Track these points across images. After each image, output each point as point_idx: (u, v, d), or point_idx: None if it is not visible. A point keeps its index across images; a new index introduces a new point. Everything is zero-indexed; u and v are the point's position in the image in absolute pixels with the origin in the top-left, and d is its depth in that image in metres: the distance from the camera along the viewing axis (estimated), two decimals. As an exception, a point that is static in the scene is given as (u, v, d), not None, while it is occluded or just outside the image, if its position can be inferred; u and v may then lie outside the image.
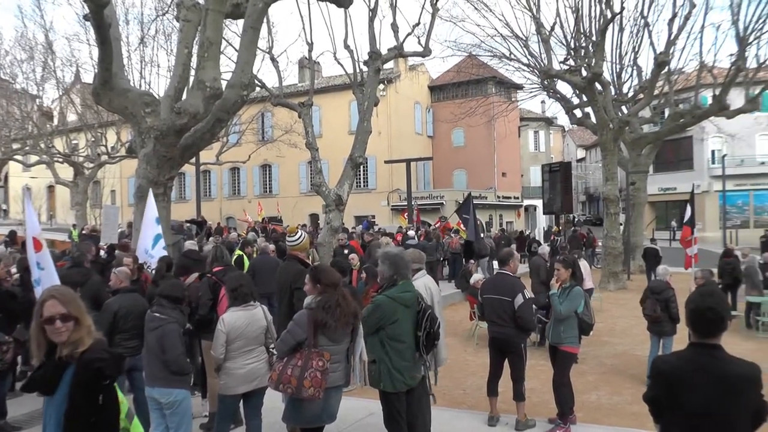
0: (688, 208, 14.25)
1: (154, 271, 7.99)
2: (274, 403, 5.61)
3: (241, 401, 5.49)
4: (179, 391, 5.16)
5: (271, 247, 12.58)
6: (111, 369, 2.81)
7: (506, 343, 6.54)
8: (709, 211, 41.81)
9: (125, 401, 2.96)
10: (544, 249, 13.39)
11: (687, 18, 21.62)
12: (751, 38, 21.41)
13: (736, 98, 25.19)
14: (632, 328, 12.60)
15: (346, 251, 12.68)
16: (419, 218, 24.74)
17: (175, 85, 9.44)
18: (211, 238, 15.70)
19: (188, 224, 23.34)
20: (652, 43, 23.84)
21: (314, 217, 38.42)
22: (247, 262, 11.79)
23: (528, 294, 6.51)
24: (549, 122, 54.67)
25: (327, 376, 4.60)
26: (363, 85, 17.30)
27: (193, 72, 10.07)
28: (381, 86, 37.58)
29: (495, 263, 13.75)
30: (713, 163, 43.07)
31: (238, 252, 12.48)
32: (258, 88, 19.01)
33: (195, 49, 9.53)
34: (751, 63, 22.79)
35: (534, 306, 6.67)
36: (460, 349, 11.28)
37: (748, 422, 2.93)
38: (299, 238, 6.61)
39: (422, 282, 5.56)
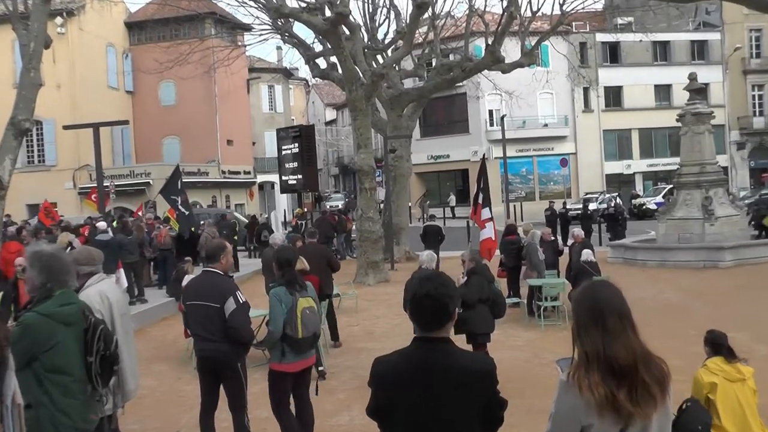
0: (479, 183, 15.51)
1: None
2: None
3: None
4: None
5: None
6: None
7: (218, 362, 6.58)
8: (489, 182, 46.13)
9: None
10: (276, 238, 13.76)
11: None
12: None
13: (512, 50, 27.87)
14: (396, 328, 13.31)
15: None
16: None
17: None
18: None
19: None
20: (411, -21, 25.48)
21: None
22: None
23: (242, 298, 6.53)
24: (288, 74, 56.14)
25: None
26: (28, 18, 16.39)
27: None
28: (59, 20, 35.73)
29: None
30: (491, 125, 47.33)
31: None
32: None
33: None
34: (526, 10, 25.49)
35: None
36: (173, 377, 11.30)
37: (476, 421, 3.30)
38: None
39: (96, 290, 5.51)
